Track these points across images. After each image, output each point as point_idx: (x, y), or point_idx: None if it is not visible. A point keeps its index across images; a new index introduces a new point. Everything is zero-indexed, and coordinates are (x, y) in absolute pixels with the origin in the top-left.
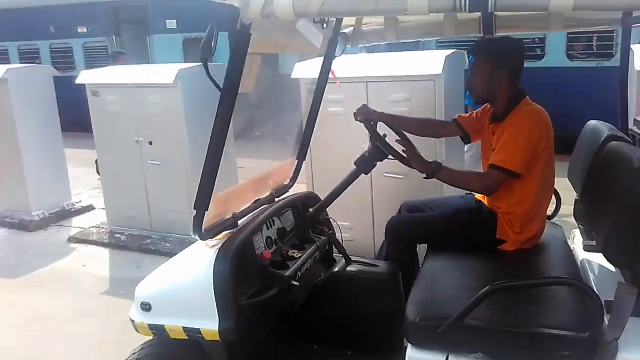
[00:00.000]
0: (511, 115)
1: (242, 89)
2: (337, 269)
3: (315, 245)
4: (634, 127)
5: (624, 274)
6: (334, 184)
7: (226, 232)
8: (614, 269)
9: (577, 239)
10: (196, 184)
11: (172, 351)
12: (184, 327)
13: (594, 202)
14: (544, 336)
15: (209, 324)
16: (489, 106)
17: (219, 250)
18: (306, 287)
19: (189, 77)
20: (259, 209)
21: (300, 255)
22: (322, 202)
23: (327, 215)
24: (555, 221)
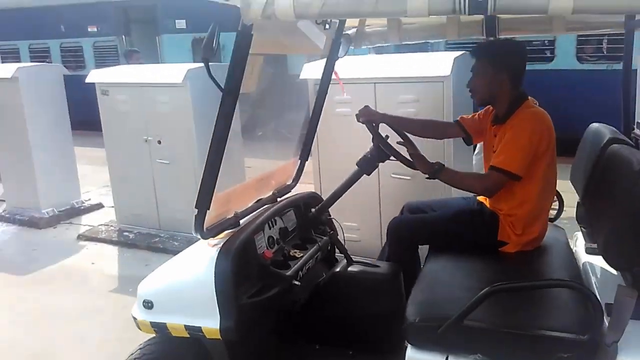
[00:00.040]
0: (512, 117)
1: (244, 89)
2: (338, 269)
3: (316, 245)
4: (637, 130)
5: (624, 276)
6: (338, 184)
7: (228, 231)
8: (615, 271)
9: (579, 242)
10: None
11: (174, 349)
12: (185, 325)
13: (595, 204)
14: (544, 338)
15: (210, 322)
16: (491, 108)
17: (220, 249)
18: (307, 287)
19: (198, 77)
20: (261, 209)
21: (301, 255)
22: (324, 202)
23: (329, 215)
24: (559, 223)
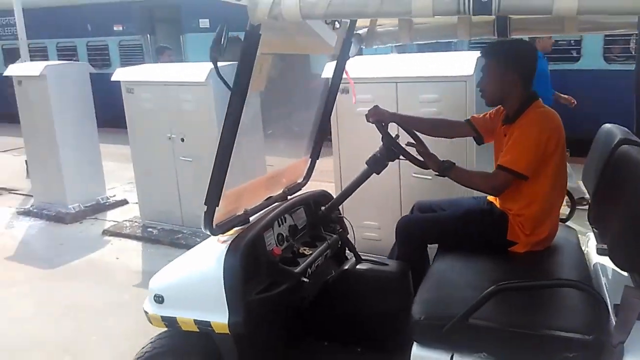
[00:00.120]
0: (522, 117)
1: (252, 89)
2: (346, 267)
3: (326, 242)
4: None
5: (632, 277)
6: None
7: (237, 227)
8: (626, 272)
9: (591, 242)
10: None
11: (184, 343)
12: (195, 320)
13: (604, 205)
14: (549, 338)
15: (219, 317)
16: (502, 107)
17: (229, 245)
18: (316, 284)
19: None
20: (271, 206)
21: (310, 252)
22: (334, 201)
23: (339, 213)
24: (572, 224)
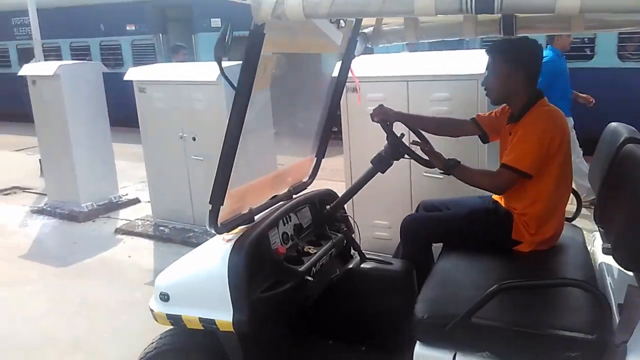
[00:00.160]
0: (526, 115)
1: (257, 88)
2: (351, 266)
3: (331, 241)
4: None
5: (636, 277)
6: (371, 182)
7: (242, 226)
8: (632, 272)
9: (597, 242)
10: (236, 180)
11: (189, 341)
12: (199, 318)
13: (608, 204)
14: (552, 337)
15: (224, 315)
16: (507, 106)
17: (234, 243)
18: (321, 283)
19: (232, 75)
20: (276, 205)
21: (315, 251)
22: (339, 199)
23: (345, 212)
24: (581, 224)
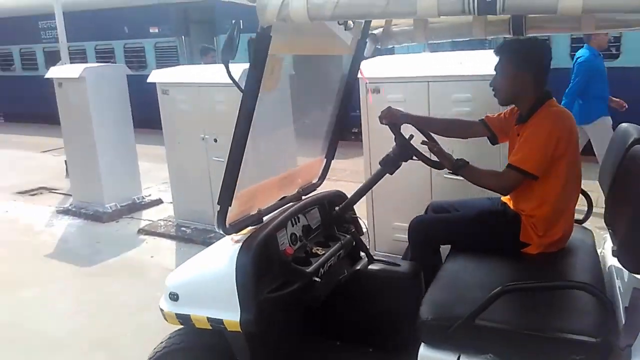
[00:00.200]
0: (534, 116)
1: (264, 89)
2: (359, 267)
3: (339, 243)
4: None
5: None
6: (390, 184)
7: (251, 227)
8: (638, 275)
9: (607, 244)
10: (256, 182)
11: (197, 341)
12: (208, 318)
13: (616, 206)
14: (556, 339)
15: (231, 315)
16: (516, 107)
17: (242, 244)
18: (329, 284)
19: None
20: (285, 206)
21: (323, 252)
22: (348, 201)
23: (354, 213)
24: (592, 226)
